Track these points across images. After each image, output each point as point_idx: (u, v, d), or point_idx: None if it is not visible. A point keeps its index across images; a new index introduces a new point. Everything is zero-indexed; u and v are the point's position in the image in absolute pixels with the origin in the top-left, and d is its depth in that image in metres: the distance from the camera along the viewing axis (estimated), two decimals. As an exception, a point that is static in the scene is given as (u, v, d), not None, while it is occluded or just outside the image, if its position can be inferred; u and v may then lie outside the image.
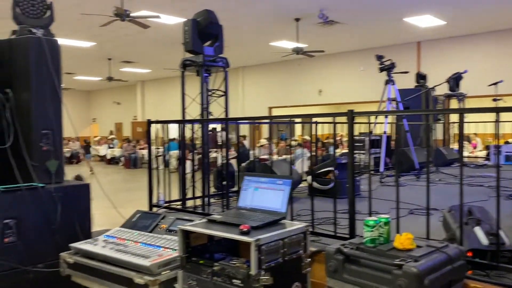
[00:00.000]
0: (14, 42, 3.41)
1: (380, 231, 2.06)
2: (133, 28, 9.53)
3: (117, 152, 18.85)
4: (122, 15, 6.28)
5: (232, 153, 7.30)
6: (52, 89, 3.41)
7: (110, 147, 19.71)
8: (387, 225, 2.09)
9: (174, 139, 18.64)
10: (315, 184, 4.21)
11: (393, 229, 2.28)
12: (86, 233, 3.40)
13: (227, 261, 2.14)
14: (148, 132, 3.85)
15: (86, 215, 3.47)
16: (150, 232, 2.79)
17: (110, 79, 15.92)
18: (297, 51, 11.48)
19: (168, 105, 20.88)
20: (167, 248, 2.52)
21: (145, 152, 17.97)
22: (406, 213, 3.67)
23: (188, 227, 2.22)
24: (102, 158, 19.96)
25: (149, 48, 13.29)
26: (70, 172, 3.73)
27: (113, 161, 19.10)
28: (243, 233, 2.07)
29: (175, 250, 2.46)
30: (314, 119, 3.36)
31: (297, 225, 2.30)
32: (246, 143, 12.92)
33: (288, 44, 12.70)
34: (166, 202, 3.85)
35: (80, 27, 9.78)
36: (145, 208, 4.09)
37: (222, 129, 4.21)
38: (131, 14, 6.60)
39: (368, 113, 2.92)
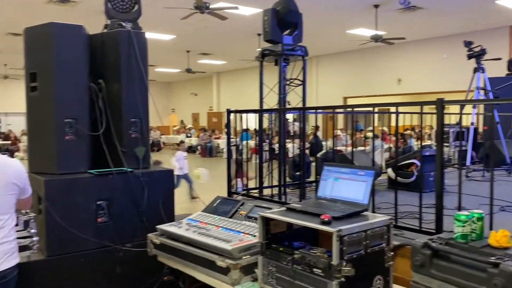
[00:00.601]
0: (106, 36, 3.64)
1: (473, 227, 1.93)
2: (211, 20, 9.78)
3: (194, 141, 19.59)
4: (201, 7, 6.46)
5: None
6: (140, 80, 3.60)
7: (187, 136, 20.53)
8: (480, 220, 1.95)
9: (247, 129, 19.02)
10: (395, 177, 4.05)
11: (485, 226, 2.13)
12: (170, 216, 3.57)
13: (306, 250, 2.13)
14: (228, 121, 3.93)
15: (169, 198, 3.64)
16: (230, 217, 2.86)
17: (188, 70, 16.52)
18: (376, 38, 11.07)
19: (242, 96, 21.24)
20: (246, 233, 2.57)
21: (220, 141, 18.50)
22: (497, 210, 3.41)
23: (268, 214, 2.25)
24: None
25: (225, 40, 13.57)
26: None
27: (190, 149, 19.89)
28: (324, 222, 2.04)
29: (255, 236, 2.50)
30: (394, 109, 3.22)
31: (380, 217, 2.23)
32: (319, 133, 12.78)
33: (366, 32, 12.29)
34: (244, 190, 3.93)
35: (161, 21, 10.22)
36: (223, 194, 4.20)
37: (294, 120, 4.20)
38: (210, 6, 6.77)
39: (460, 102, 2.74)
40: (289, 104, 4.17)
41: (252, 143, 9.68)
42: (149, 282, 3.32)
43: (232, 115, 4.17)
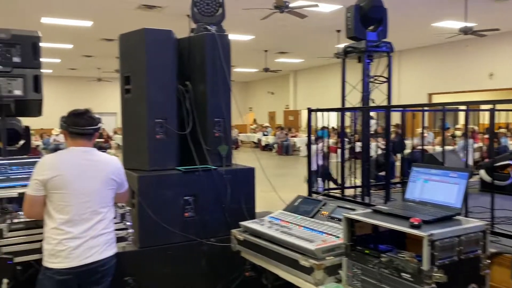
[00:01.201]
0: (192, 39, 3.81)
1: None
2: (289, 19, 9.80)
3: (270, 139, 19.78)
4: (281, 7, 6.50)
5: (384, 142, 6.99)
6: (224, 81, 3.72)
7: (264, 135, 20.79)
8: None
9: (325, 127, 18.80)
10: (489, 179, 3.77)
11: None
12: (251, 213, 3.65)
13: (394, 254, 2.07)
14: (308, 120, 3.91)
15: (251, 196, 3.72)
16: (312, 217, 2.85)
17: (266, 70, 16.71)
18: (465, 31, 10.34)
19: (319, 94, 21.03)
20: (329, 234, 2.55)
21: (296, 139, 18.51)
22: None
23: (354, 215, 2.21)
24: (257, 145, 21.18)
25: (304, 38, 13.52)
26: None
27: (266, 147, 20.12)
28: (414, 226, 1.97)
29: (338, 237, 2.48)
30: (486, 106, 2.99)
31: (475, 222, 2.09)
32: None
33: (454, 24, 11.54)
34: (324, 190, 3.91)
35: (241, 22, 10.43)
36: (302, 193, 4.15)
37: (370, 117, 4.07)
38: (290, 5, 6.79)
39: None
40: (373, 102, 4.05)
41: (329, 141, 9.53)
42: (231, 276, 3.42)
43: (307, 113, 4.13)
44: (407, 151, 6.88)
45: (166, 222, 3.33)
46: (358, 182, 3.97)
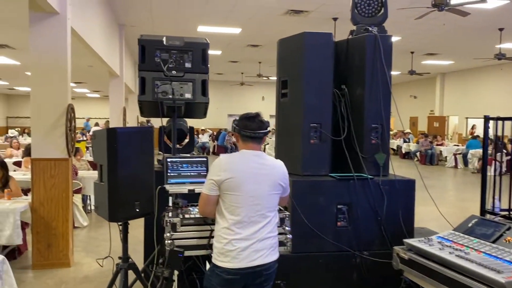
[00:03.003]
0: (351, 42, 3.66)
1: None
2: (443, 18, 8.99)
3: (412, 147, 18.54)
4: (441, 5, 5.96)
5: None
6: (384, 85, 3.50)
7: (405, 141, 19.58)
8: None
9: (477, 136, 16.89)
10: None
11: None
12: (410, 229, 3.37)
13: None
14: (485, 130, 3.45)
15: (410, 210, 3.43)
16: (493, 242, 2.48)
17: (412, 73, 15.70)
18: None
19: (469, 98, 19.03)
20: (518, 265, 2.18)
21: (443, 148, 16.99)
22: None
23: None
24: (396, 152, 20.06)
25: (457, 38, 12.33)
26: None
27: (407, 156, 18.91)
28: None
29: (530, 270, 2.09)
30: None
31: None
32: None
33: None
34: (501, 210, 3.41)
35: (390, 23, 9.94)
36: (455, 208, 3.70)
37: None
38: (451, 2, 6.20)
39: None
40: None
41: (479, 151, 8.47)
42: (383, 294, 3.20)
43: (453, 120, 3.64)
44: None
45: (318, 229, 3.26)
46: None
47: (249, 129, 2.36)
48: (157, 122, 3.64)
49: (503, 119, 3.33)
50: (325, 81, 3.51)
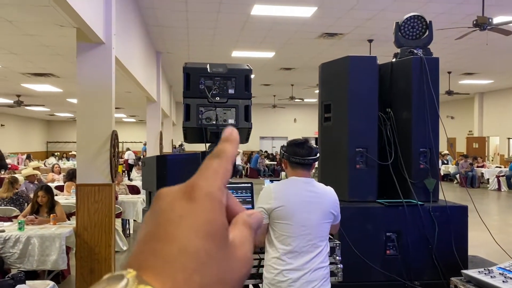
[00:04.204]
0: (395, 64, 3.61)
1: None
2: (484, 38, 8.79)
3: (451, 169, 17.97)
4: (484, 24, 5.83)
5: None
6: (431, 108, 3.41)
7: (443, 163, 19.00)
8: None
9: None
10: None
11: None
12: (463, 258, 3.21)
13: None
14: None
15: (463, 237, 3.28)
16: (562, 275, 2.31)
17: (449, 93, 15.35)
18: None
19: (511, 119, 18.37)
20: None
21: (484, 170, 16.37)
22: None
23: None
24: (434, 174, 19.49)
25: (497, 56, 12.01)
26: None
27: (446, 178, 18.31)
28: None
29: None
30: None
31: None
32: None
33: None
34: None
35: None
36: (504, 234, 3.46)
37: None
38: (494, 22, 6.05)
39: None
40: None
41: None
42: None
43: (494, 141, 3.48)
44: None
45: (366, 257, 3.14)
46: None
47: (298, 155, 2.32)
48: (192, 146, 3.64)
49: None
50: (370, 105, 3.45)
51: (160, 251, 0.30)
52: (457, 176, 17.00)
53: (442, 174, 18.62)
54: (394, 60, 3.67)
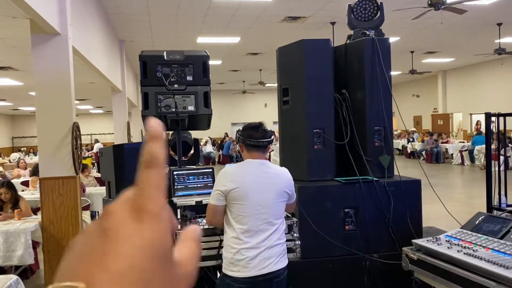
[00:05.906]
0: (349, 46, 3.70)
1: None
2: (440, 17, 9.03)
3: (417, 146, 18.49)
4: (437, 4, 6.00)
5: None
6: (384, 87, 3.53)
7: (409, 141, 19.53)
8: None
9: (481, 132, 16.81)
10: None
11: None
12: (418, 230, 3.38)
13: None
14: (487, 126, 3.46)
15: (417, 210, 3.45)
16: (501, 238, 2.49)
17: (412, 72, 15.71)
18: None
19: (472, 96, 19.00)
20: (527, 260, 2.18)
21: (448, 146, 16.93)
22: None
23: None
24: (402, 152, 20.01)
25: (457, 35, 12.36)
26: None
27: (413, 155, 18.86)
28: None
29: (539, 264, 2.10)
30: None
31: None
32: None
33: None
34: (508, 206, 3.42)
35: (387, 24, 9.98)
36: (463, 207, 3.66)
37: None
38: (447, 1, 6.24)
39: None
40: None
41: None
42: (396, 295, 3.20)
43: (457, 117, 3.65)
44: None
45: (326, 234, 3.27)
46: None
47: (253, 138, 2.39)
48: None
49: (504, 115, 3.35)
50: (326, 87, 3.54)
51: (109, 267, 0.31)
52: (423, 152, 17.51)
53: (409, 151, 19.18)
54: (348, 42, 3.76)
